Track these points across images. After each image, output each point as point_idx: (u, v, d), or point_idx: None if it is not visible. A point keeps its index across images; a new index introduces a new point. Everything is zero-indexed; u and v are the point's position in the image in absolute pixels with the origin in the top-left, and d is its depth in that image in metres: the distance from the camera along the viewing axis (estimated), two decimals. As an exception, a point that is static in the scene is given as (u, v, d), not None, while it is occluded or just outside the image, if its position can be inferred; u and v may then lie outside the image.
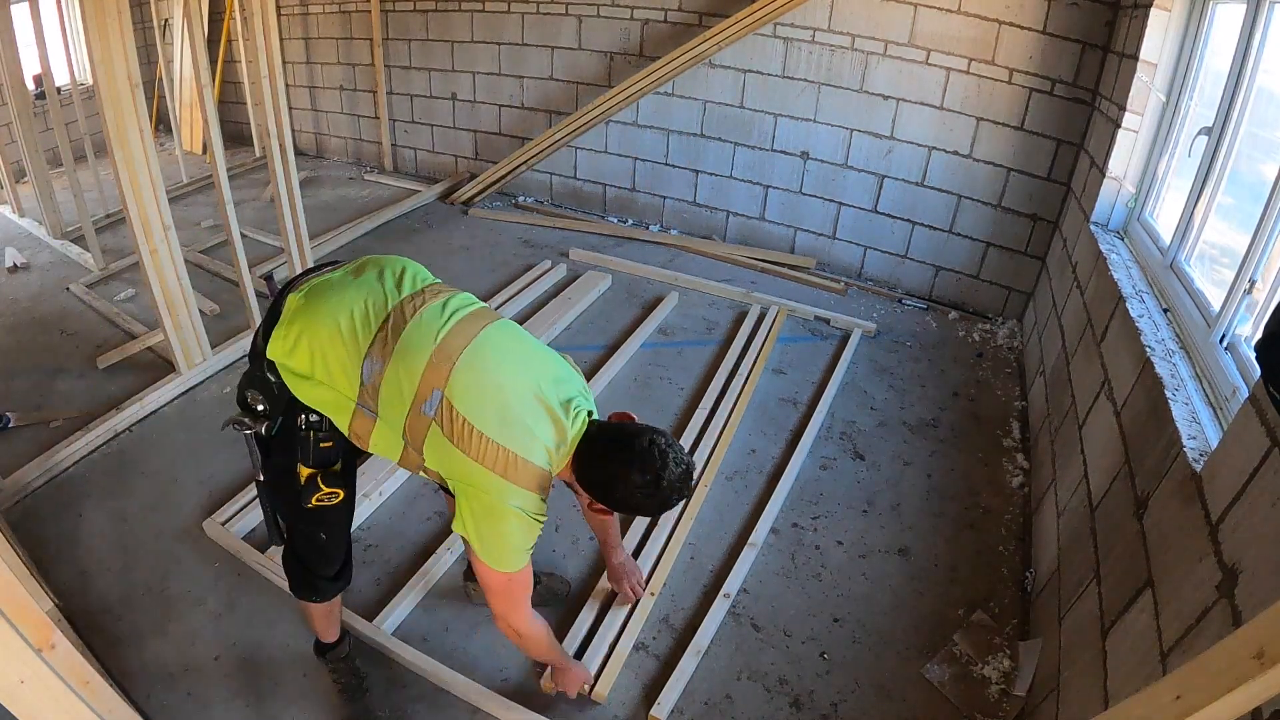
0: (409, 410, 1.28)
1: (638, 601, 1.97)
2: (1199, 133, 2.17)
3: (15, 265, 3.70)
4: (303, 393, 1.32)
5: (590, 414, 1.41)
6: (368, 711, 1.69)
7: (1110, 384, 1.92)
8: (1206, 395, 1.58)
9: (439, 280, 1.48)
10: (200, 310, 2.92)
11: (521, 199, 4.86)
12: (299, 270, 3.24)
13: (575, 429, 1.35)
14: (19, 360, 2.95)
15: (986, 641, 1.91)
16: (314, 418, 1.34)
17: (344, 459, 1.42)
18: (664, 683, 1.75)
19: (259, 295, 3.21)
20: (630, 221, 4.56)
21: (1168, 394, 1.54)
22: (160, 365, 2.87)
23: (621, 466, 1.31)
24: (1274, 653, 0.69)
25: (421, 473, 1.39)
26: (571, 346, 3.16)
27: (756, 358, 3.06)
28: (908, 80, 3.43)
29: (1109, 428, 1.83)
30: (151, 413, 2.66)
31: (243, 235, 2.96)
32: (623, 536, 2.08)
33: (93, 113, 2.98)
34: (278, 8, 5.21)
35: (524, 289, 3.58)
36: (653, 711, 1.69)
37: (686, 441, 2.55)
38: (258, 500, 2.18)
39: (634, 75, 4.00)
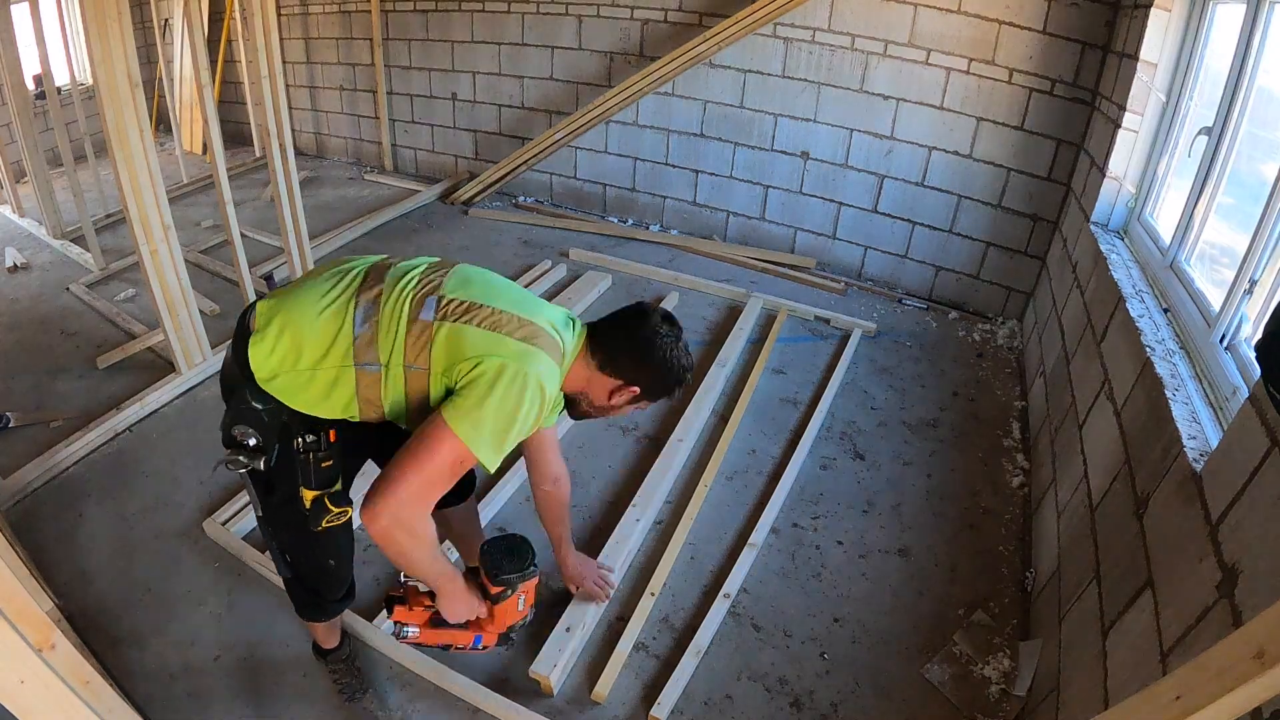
0: (407, 332, 1.24)
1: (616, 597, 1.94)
2: (1199, 133, 2.17)
3: (15, 265, 3.70)
4: (297, 397, 1.26)
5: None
6: (368, 712, 1.68)
7: (1110, 384, 1.93)
8: (1206, 395, 1.58)
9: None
10: (200, 310, 2.92)
11: (521, 199, 4.86)
12: (299, 270, 3.25)
13: (576, 332, 1.40)
14: (19, 360, 2.95)
15: (986, 641, 1.91)
16: (309, 438, 1.28)
17: (344, 476, 1.36)
18: (664, 683, 1.75)
19: (259, 295, 3.21)
20: (630, 221, 4.56)
21: (1168, 394, 1.54)
22: (160, 365, 2.87)
23: (643, 323, 1.38)
24: (1274, 653, 0.69)
25: (410, 422, 1.31)
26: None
27: (756, 357, 3.06)
28: (908, 80, 3.43)
29: (1109, 428, 1.83)
30: (151, 413, 2.66)
31: (243, 235, 2.97)
32: (593, 545, 2.09)
33: (93, 113, 2.98)
34: (278, 8, 5.21)
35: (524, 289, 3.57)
36: (653, 711, 1.69)
37: (686, 441, 2.55)
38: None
39: (634, 75, 4.00)
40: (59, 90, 4.37)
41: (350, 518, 1.35)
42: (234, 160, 5.25)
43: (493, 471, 1.23)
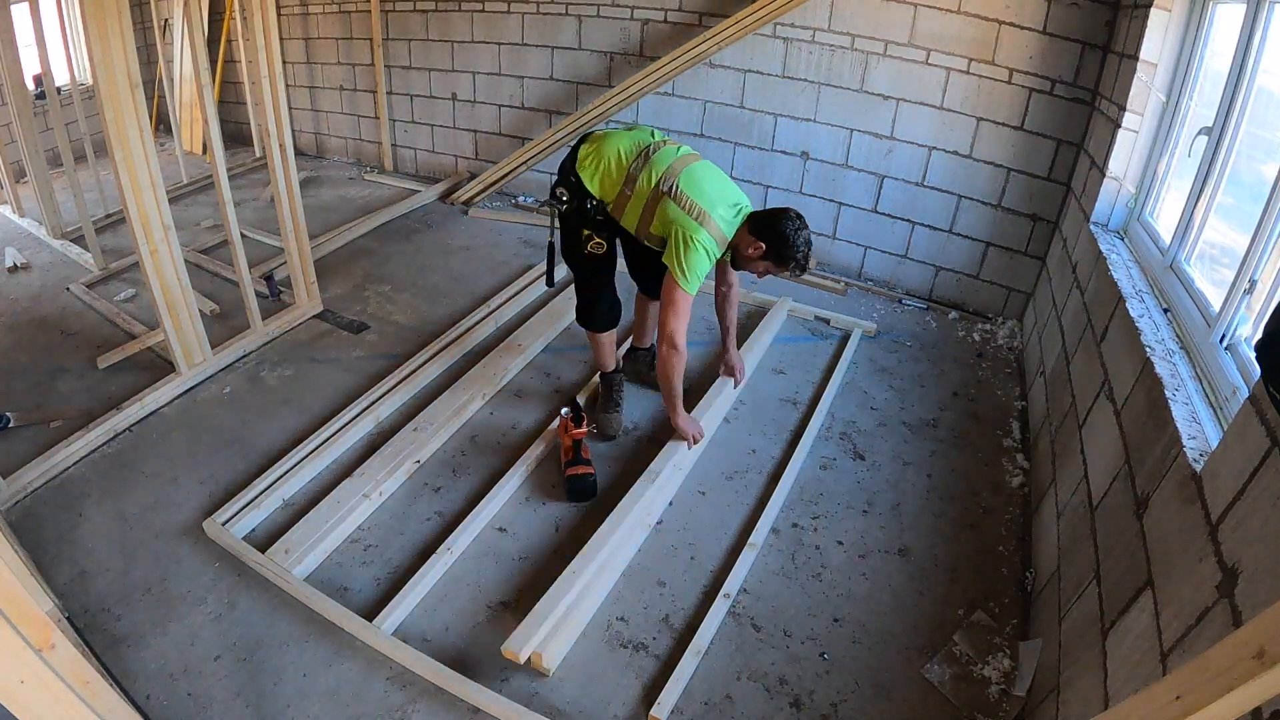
0: (652, 188, 2.21)
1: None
2: (1199, 133, 2.17)
3: (15, 265, 3.70)
4: (594, 184, 2.29)
5: (750, 209, 2.32)
6: (609, 420, 2.62)
7: (1110, 384, 1.93)
8: (1206, 395, 1.58)
9: (669, 136, 2.43)
10: (200, 310, 2.92)
11: (521, 199, 4.86)
12: (299, 270, 3.25)
13: (743, 213, 2.29)
14: (19, 360, 2.95)
15: (986, 641, 1.91)
16: (593, 203, 2.30)
17: (608, 233, 2.36)
18: (664, 683, 1.75)
19: (259, 295, 3.21)
20: (630, 221, 4.56)
21: (1168, 394, 1.54)
22: (160, 365, 2.87)
23: (781, 215, 2.21)
24: (1274, 653, 0.69)
25: (644, 238, 2.31)
26: (572, 347, 3.16)
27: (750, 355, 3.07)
28: (908, 80, 3.43)
29: (1109, 428, 1.83)
30: (151, 413, 2.66)
31: (243, 235, 2.96)
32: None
33: (93, 113, 2.98)
34: (278, 8, 5.21)
35: (524, 289, 3.58)
36: (653, 711, 1.69)
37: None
38: (261, 507, 2.23)
39: (634, 75, 4.00)
40: (59, 90, 4.37)
41: (606, 251, 2.38)
42: (234, 160, 5.25)
43: (694, 291, 2.22)
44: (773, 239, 2.18)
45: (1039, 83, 3.15)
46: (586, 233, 2.32)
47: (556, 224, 2.43)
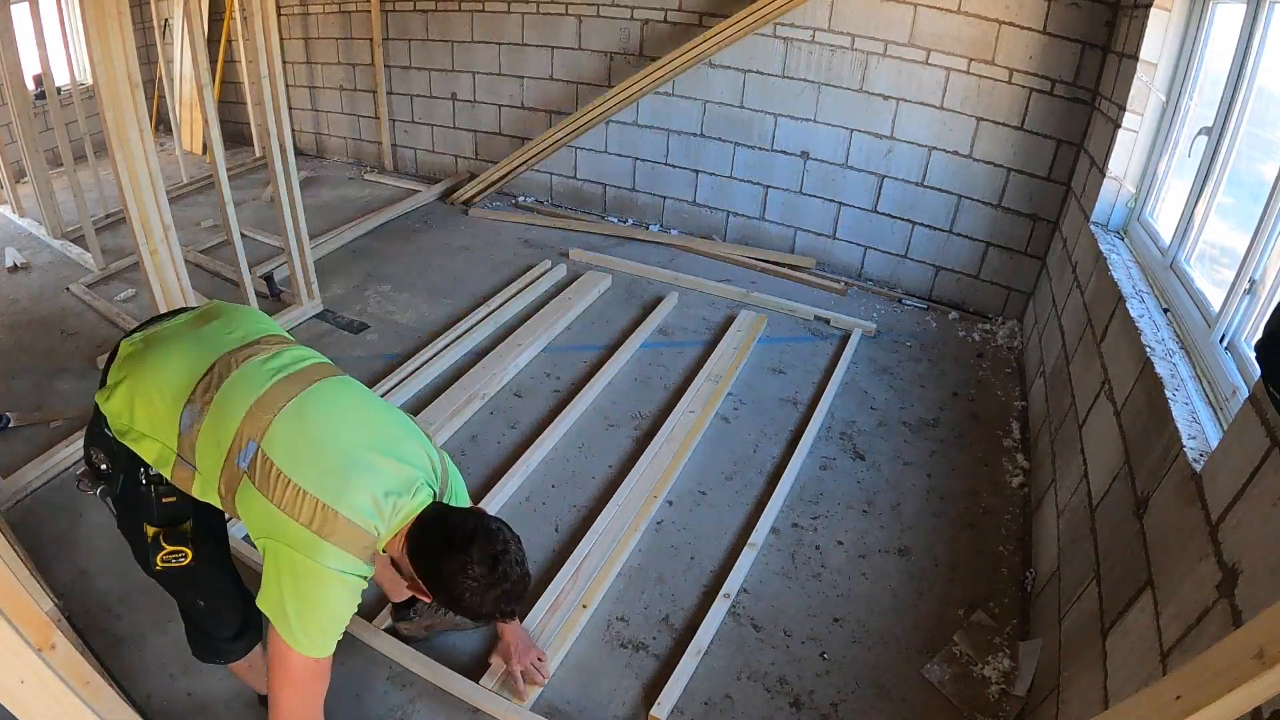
0: (223, 462, 1.19)
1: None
2: (1199, 133, 2.17)
3: (15, 265, 3.70)
4: (130, 443, 1.25)
5: (433, 494, 1.28)
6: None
7: (1110, 384, 1.92)
8: (1206, 395, 1.58)
9: (283, 333, 1.41)
10: (200, 310, 2.91)
11: (521, 199, 4.86)
12: (299, 270, 3.25)
13: (414, 501, 1.23)
14: (19, 360, 2.95)
15: (986, 641, 1.91)
16: (154, 472, 1.26)
17: (198, 516, 1.32)
18: (664, 683, 1.75)
19: (259, 295, 3.21)
20: (630, 221, 4.56)
21: (1168, 394, 1.54)
22: (160, 365, 2.87)
23: (462, 550, 1.17)
24: (1274, 653, 0.69)
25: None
26: (571, 347, 3.16)
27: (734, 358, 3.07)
28: (907, 80, 3.43)
29: (1109, 428, 1.83)
30: (151, 413, 2.66)
31: (243, 235, 2.97)
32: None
33: (93, 113, 2.98)
34: (278, 8, 5.21)
35: (524, 289, 3.58)
36: (653, 711, 1.69)
37: (687, 443, 2.55)
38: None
39: (634, 75, 4.00)
40: (59, 90, 4.36)
41: (193, 559, 1.31)
42: (234, 160, 5.24)
43: (326, 653, 1.22)
44: (438, 584, 1.21)
45: (1039, 83, 3.15)
46: (153, 531, 1.30)
47: (115, 513, 1.36)
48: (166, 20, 5.27)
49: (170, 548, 1.29)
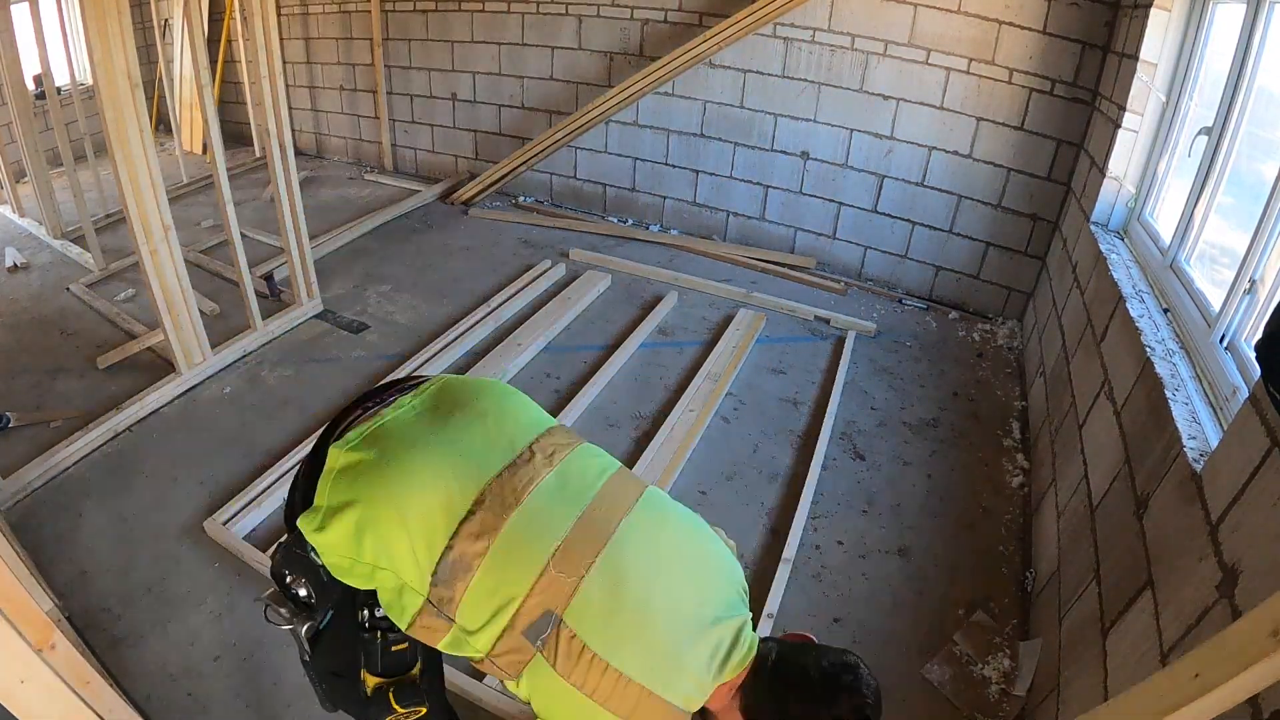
0: (502, 632, 0.93)
1: None
2: (1199, 133, 2.17)
3: (15, 265, 3.70)
4: (355, 581, 0.99)
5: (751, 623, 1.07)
6: None
7: (1110, 384, 1.92)
8: (1206, 395, 1.58)
9: (545, 417, 1.13)
10: (200, 310, 2.91)
11: (521, 199, 4.86)
12: (299, 270, 3.25)
13: (741, 654, 1.00)
14: (19, 360, 2.95)
15: (986, 641, 1.91)
16: (380, 612, 1.00)
17: (427, 657, 1.07)
18: (664, 683, 1.75)
19: (259, 295, 3.21)
20: (630, 221, 4.56)
21: (1168, 394, 1.54)
22: (160, 365, 2.87)
23: (828, 700, 1.03)
24: (1290, 630, 0.70)
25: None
26: (571, 346, 3.16)
27: (733, 359, 3.06)
28: (908, 80, 3.43)
29: (1109, 428, 1.83)
30: (151, 413, 2.66)
31: (243, 235, 2.96)
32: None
33: (93, 113, 2.97)
34: (278, 8, 5.21)
35: (524, 289, 3.58)
36: (653, 711, 1.68)
37: (687, 443, 2.55)
38: (261, 507, 2.21)
39: (634, 75, 4.00)
40: (59, 90, 4.36)
41: (428, 714, 1.08)
42: (234, 160, 5.24)
43: None
44: None
45: (1039, 83, 3.15)
46: (376, 682, 1.09)
47: (305, 646, 1.14)
48: (166, 20, 5.26)
49: (403, 709, 1.04)
